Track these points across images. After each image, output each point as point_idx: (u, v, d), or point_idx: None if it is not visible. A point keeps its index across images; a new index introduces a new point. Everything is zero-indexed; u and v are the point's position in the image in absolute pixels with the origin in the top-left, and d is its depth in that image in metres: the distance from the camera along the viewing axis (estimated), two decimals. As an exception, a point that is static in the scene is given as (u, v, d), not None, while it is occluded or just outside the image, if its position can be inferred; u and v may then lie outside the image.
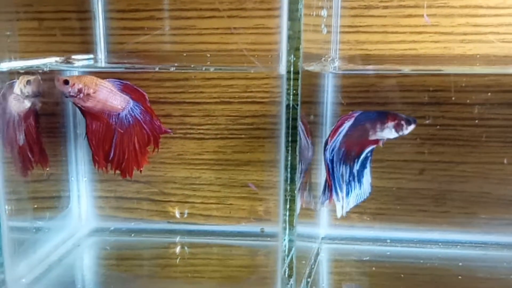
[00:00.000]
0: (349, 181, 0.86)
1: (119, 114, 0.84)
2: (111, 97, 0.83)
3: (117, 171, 0.86)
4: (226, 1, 0.94)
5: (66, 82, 0.81)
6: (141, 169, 0.87)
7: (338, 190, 0.85)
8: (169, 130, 0.87)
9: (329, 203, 0.87)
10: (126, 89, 0.84)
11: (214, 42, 0.96)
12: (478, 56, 0.92)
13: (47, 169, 0.91)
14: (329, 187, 0.85)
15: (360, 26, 0.94)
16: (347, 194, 0.86)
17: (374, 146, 0.85)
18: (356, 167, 0.85)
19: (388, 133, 0.83)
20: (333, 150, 0.85)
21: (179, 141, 0.99)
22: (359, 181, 0.86)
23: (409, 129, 0.83)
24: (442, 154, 0.94)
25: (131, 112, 0.85)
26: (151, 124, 0.85)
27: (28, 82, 0.83)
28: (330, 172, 0.85)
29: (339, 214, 0.86)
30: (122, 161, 0.86)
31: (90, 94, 0.82)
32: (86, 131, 0.84)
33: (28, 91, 0.83)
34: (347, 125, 0.84)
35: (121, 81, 0.85)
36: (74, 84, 0.81)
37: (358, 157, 0.85)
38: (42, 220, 0.93)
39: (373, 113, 0.85)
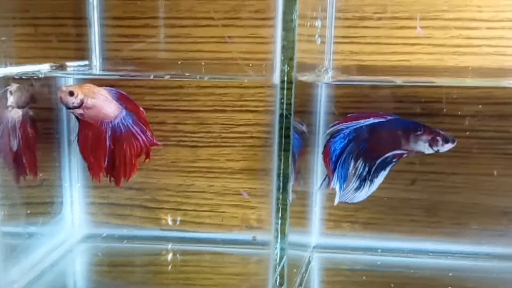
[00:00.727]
0: (365, 178, 0.85)
1: (111, 121, 0.84)
2: (106, 105, 0.84)
3: (112, 178, 0.86)
4: (221, 10, 0.95)
5: (71, 93, 0.81)
6: (128, 179, 0.86)
7: (339, 178, 0.85)
8: (159, 143, 0.87)
9: (327, 188, 0.87)
10: (122, 99, 0.85)
11: (209, 51, 0.96)
12: (470, 68, 0.92)
13: (40, 174, 0.91)
14: (329, 173, 0.85)
15: (354, 37, 0.94)
16: (358, 188, 0.86)
17: (401, 153, 0.85)
18: (375, 166, 0.85)
19: (422, 146, 0.83)
20: (346, 136, 0.85)
21: (173, 149, 1.00)
22: (372, 181, 0.85)
23: (445, 147, 0.83)
24: (434, 165, 0.95)
25: (123, 121, 0.85)
26: (144, 135, 0.86)
27: (10, 92, 0.82)
28: (332, 159, 0.85)
29: (336, 201, 0.87)
30: (112, 169, 0.86)
31: (89, 103, 0.82)
32: (78, 137, 0.84)
33: (11, 101, 0.83)
34: (374, 121, 0.84)
35: (118, 90, 0.85)
36: (77, 95, 0.81)
37: (381, 158, 0.85)
38: (35, 226, 0.93)
39: (410, 122, 0.84)
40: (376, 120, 0.84)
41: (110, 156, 0.85)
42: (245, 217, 1.00)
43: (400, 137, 0.84)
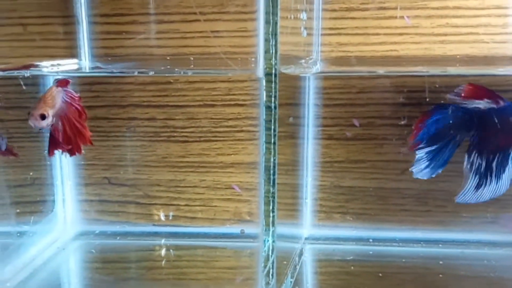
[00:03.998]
0: (486, 174, 0.82)
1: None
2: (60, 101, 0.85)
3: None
4: (209, 5, 0.95)
5: (43, 117, 0.82)
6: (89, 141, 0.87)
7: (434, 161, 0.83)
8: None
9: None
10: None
11: (198, 46, 0.96)
12: (458, 56, 0.92)
13: (31, 173, 0.91)
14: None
15: (342, 28, 0.94)
16: (479, 186, 0.82)
17: None
18: (498, 160, 0.81)
19: None
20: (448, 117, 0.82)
21: (163, 144, 1.00)
22: (497, 176, 0.81)
23: None
24: (423, 154, 0.95)
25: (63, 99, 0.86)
26: (76, 101, 0.86)
27: None
28: (425, 136, 0.82)
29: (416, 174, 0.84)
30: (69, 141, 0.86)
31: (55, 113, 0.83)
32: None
33: None
34: (485, 107, 0.80)
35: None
36: (48, 115, 0.82)
37: (504, 151, 0.81)
38: (27, 224, 0.93)
39: None
40: (488, 106, 0.80)
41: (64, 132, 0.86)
42: (237, 210, 1.00)
43: None
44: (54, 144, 0.85)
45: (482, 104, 0.81)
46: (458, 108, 0.82)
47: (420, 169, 0.85)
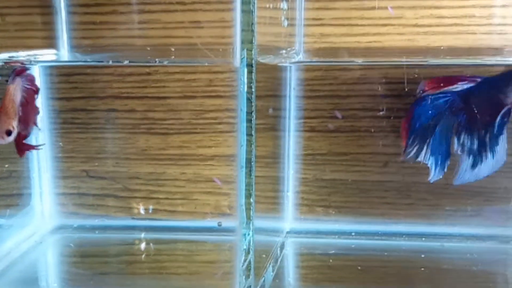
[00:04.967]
0: (479, 151, 0.81)
1: None
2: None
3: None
4: (190, -6, 0.93)
5: (9, 132, 0.81)
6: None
7: (435, 154, 0.82)
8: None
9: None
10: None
11: (179, 36, 0.95)
12: (442, 48, 0.91)
13: (7, 165, 0.90)
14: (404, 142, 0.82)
15: (325, 19, 0.93)
16: (475, 164, 0.82)
17: (508, 109, 0.80)
18: (489, 135, 0.81)
19: None
20: (432, 106, 0.81)
21: (143, 136, 0.99)
22: (492, 150, 0.81)
23: None
24: (406, 146, 0.94)
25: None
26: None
27: None
28: (415, 129, 0.82)
29: (432, 179, 0.84)
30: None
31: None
32: None
33: None
34: (463, 88, 0.80)
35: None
36: (14, 128, 0.82)
37: (491, 124, 0.80)
38: (3, 217, 0.92)
39: (498, 77, 0.80)
40: (466, 86, 0.80)
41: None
42: (218, 204, 0.99)
43: (499, 95, 0.79)
44: (21, 145, 0.84)
45: (459, 87, 0.81)
46: (436, 97, 0.81)
47: (433, 172, 0.84)
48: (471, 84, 0.81)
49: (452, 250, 0.93)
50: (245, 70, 0.69)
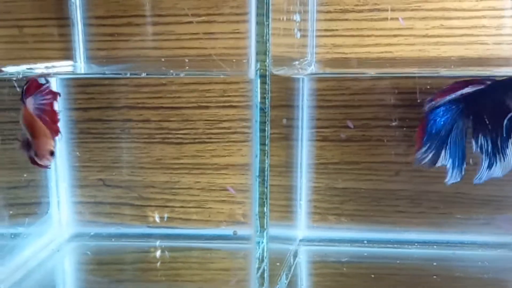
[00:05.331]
0: (494, 152, 0.82)
1: None
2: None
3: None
4: (204, 6, 0.95)
5: (52, 153, 0.81)
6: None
7: (453, 157, 0.83)
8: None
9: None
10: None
11: (193, 47, 0.96)
12: (452, 58, 0.92)
13: (25, 175, 0.91)
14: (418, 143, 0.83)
15: (336, 30, 0.95)
16: (490, 165, 0.83)
17: None
18: (500, 138, 0.81)
19: None
20: (447, 111, 0.82)
21: (158, 146, 1.00)
22: (504, 153, 0.82)
23: None
24: (418, 155, 0.95)
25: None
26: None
27: None
28: (431, 134, 0.82)
29: (449, 181, 0.84)
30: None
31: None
32: None
33: None
34: (474, 90, 0.80)
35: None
36: (55, 147, 0.82)
37: (501, 127, 0.81)
38: (21, 226, 0.93)
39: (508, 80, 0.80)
40: (475, 88, 0.80)
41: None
42: (231, 212, 1.00)
43: (509, 97, 0.80)
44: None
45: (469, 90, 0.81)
46: (448, 100, 0.82)
47: (450, 174, 0.84)
48: (480, 87, 0.81)
49: (464, 258, 0.93)
50: (259, 81, 0.70)
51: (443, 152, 0.83)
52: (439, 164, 0.84)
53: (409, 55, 0.94)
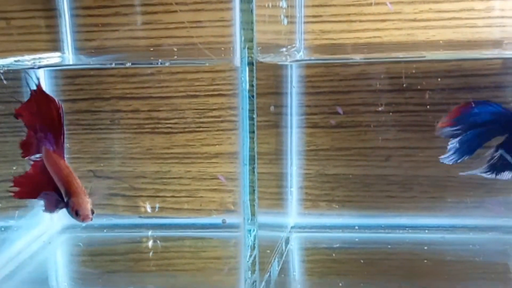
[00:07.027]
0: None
1: None
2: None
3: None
4: (190, -5, 0.94)
5: (93, 212, 0.78)
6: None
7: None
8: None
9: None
10: None
11: (181, 36, 0.96)
12: (441, 41, 0.92)
13: (14, 167, 0.91)
14: None
15: (324, 16, 0.94)
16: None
17: None
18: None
19: None
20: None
21: (148, 136, 1.00)
22: None
23: None
24: (408, 140, 0.95)
25: None
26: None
27: None
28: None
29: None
30: None
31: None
32: None
33: None
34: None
35: None
36: (92, 207, 0.78)
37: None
38: (12, 219, 0.93)
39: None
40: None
41: None
42: (222, 201, 1.00)
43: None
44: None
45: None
46: (498, 110, 0.81)
47: (448, 154, 0.84)
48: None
49: (455, 241, 0.93)
50: (246, 69, 0.70)
51: (461, 134, 0.82)
52: (453, 141, 0.82)
53: (397, 39, 0.93)
